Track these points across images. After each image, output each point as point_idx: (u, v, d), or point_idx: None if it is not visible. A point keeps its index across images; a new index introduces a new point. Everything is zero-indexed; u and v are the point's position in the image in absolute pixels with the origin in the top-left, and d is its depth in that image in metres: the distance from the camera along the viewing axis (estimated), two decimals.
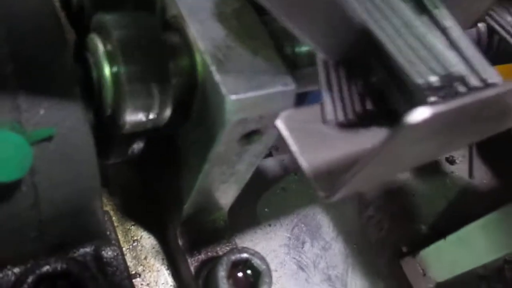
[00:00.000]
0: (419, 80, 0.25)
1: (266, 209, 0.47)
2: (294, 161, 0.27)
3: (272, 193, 0.48)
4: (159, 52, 0.29)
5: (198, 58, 0.29)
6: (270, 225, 0.47)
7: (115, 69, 0.28)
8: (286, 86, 0.29)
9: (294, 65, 0.33)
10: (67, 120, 0.27)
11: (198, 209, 0.39)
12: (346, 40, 0.27)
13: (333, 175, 0.26)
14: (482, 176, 0.67)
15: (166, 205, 0.40)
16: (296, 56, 0.34)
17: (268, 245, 0.46)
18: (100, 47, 0.28)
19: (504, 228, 0.41)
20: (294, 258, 0.46)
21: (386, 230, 0.54)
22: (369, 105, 0.28)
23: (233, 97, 0.27)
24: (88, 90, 0.29)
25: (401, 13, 0.29)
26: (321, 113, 0.29)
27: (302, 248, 0.47)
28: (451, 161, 0.67)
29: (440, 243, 0.47)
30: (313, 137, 0.28)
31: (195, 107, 0.31)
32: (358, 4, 0.27)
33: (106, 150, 0.33)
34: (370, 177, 0.25)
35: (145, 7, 0.32)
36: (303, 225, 0.49)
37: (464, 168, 0.67)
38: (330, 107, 0.29)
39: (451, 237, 0.46)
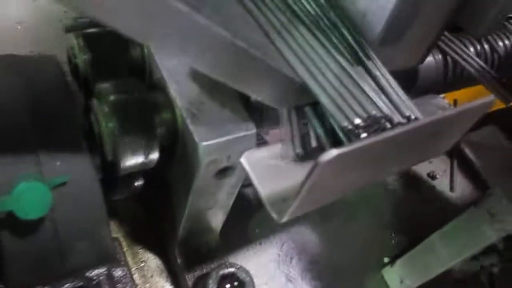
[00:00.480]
0: (344, 123, 0.32)
1: (256, 230, 0.54)
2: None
3: (261, 214, 0.55)
4: (146, 109, 0.36)
5: (177, 112, 0.36)
6: (260, 244, 0.54)
7: (110, 125, 0.35)
8: (248, 131, 0.36)
9: (260, 110, 0.40)
10: (78, 168, 0.35)
11: (192, 232, 0.46)
12: (291, 94, 0.34)
13: (286, 201, 0.33)
14: (463, 190, 0.72)
15: (165, 230, 0.48)
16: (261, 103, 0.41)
17: (259, 261, 0.52)
18: (99, 109, 0.36)
19: (462, 234, 0.47)
20: (283, 272, 0.53)
21: (370, 242, 0.60)
22: (314, 143, 0.35)
23: (204, 143, 0.34)
24: (93, 142, 0.36)
25: (337, 66, 0.36)
26: (282, 149, 0.37)
27: (291, 263, 0.54)
28: (432, 176, 0.72)
29: (412, 252, 0.53)
30: (271, 170, 0.36)
31: (178, 150, 0.38)
32: (299, 64, 0.34)
33: (112, 188, 0.40)
34: (312, 202, 0.32)
35: (137, 73, 0.40)
36: (291, 242, 0.55)
37: (445, 182, 0.72)
38: (293, 143, 0.36)
39: (420, 246, 0.52)
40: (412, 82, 0.54)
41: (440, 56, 0.57)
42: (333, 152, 0.26)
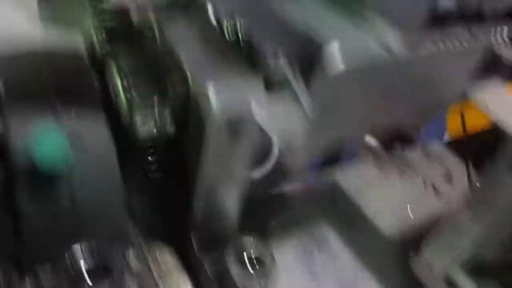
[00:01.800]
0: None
1: (273, 222, 0.53)
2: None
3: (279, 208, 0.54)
4: (158, 71, 0.38)
5: (187, 73, 0.38)
6: (279, 236, 0.53)
7: (129, 96, 0.37)
8: (255, 80, 0.37)
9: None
10: (93, 132, 0.36)
11: (208, 216, 0.46)
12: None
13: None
14: None
15: (180, 217, 0.47)
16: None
17: (277, 253, 0.51)
18: (119, 83, 0.38)
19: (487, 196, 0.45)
20: (303, 264, 0.51)
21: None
22: None
23: (212, 82, 0.35)
24: (108, 109, 0.38)
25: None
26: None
27: (311, 254, 0.52)
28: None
29: (439, 236, 0.51)
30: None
31: (190, 117, 0.39)
32: None
33: (126, 163, 0.41)
34: (323, 128, 0.32)
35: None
36: (311, 235, 0.54)
37: None
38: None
39: (446, 226, 0.50)
40: None
41: None
42: None
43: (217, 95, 0.36)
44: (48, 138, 0.32)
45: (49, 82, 0.36)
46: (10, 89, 0.35)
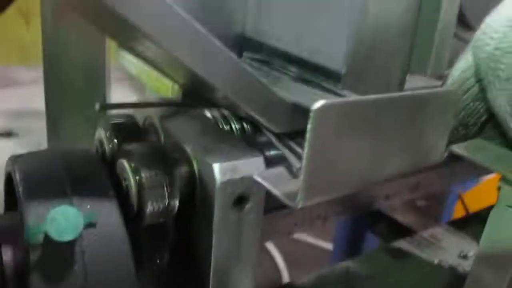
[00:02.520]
0: None
1: None
2: None
3: None
4: (166, 162, 0.41)
5: (192, 160, 0.41)
6: None
7: (137, 177, 0.40)
8: (255, 156, 0.40)
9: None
10: (105, 213, 0.38)
11: None
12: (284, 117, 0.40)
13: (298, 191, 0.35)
14: None
15: None
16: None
17: None
18: (127, 165, 0.40)
19: None
20: None
21: None
22: None
23: (217, 164, 0.38)
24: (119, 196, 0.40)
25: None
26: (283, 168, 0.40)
27: None
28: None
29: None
30: (281, 179, 0.38)
31: (196, 192, 0.41)
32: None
33: (136, 246, 0.42)
34: (321, 180, 0.34)
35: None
36: None
37: None
38: (290, 161, 0.40)
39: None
40: None
41: None
42: (322, 101, 0.31)
43: (222, 174, 0.38)
44: (61, 210, 0.33)
45: (64, 174, 0.39)
46: (29, 185, 0.38)
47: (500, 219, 0.43)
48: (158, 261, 0.45)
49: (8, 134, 0.92)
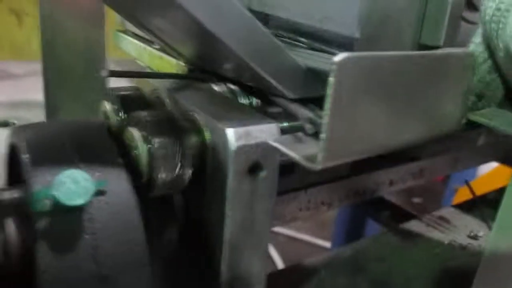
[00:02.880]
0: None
1: None
2: None
3: None
4: (176, 130, 0.40)
5: (205, 130, 0.40)
6: None
7: (149, 145, 0.38)
8: (270, 123, 0.39)
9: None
10: (114, 181, 0.36)
11: (235, 277, 0.42)
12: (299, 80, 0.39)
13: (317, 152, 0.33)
14: None
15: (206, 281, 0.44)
16: None
17: None
18: (137, 134, 0.39)
19: None
20: None
21: None
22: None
23: (231, 129, 0.36)
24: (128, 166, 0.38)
25: None
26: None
27: None
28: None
29: None
30: (295, 142, 0.37)
31: (207, 162, 0.40)
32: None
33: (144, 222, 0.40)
34: (343, 139, 0.33)
35: None
36: None
37: None
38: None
39: None
40: None
41: None
42: (343, 54, 0.30)
43: (236, 140, 0.37)
44: (70, 173, 0.31)
45: (69, 142, 0.37)
46: (34, 153, 0.36)
47: None
48: (167, 240, 0.43)
49: (5, 124, 0.90)
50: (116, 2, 0.44)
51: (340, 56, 0.29)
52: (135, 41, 0.69)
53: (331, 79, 0.29)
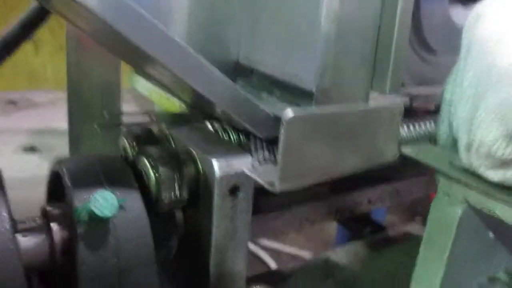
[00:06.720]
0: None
1: None
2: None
3: None
4: (178, 162, 0.53)
5: (197, 161, 0.53)
6: None
7: (156, 174, 0.51)
8: (246, 157, 0.52)
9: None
10: (131, 200, 0.49)
11: (220, 277, 0.55)
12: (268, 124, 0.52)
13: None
14: None
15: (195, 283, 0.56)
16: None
17: None
18: (148, 163, 0.52)
19: None
20: None
21: None
22: None
23: (216, 162, 0.50)
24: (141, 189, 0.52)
25: None
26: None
27: None
28: None
29: None
30: (266, 172, 0.50)
31: (200, 189, 0.53)
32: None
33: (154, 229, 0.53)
34: (296, 169, 0.46)
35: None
36: None
37: None
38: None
39: None
40: None
41: None
42: (290, 112, 0.43)
43: (220, 169, 0.50)
44: (101, 193, 0.45)
45: (99, 171, 0.51)
46: (74, 178, 0.49)
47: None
48: (170, 245, 0.56)
49: (32, 149, 1.05)
50: (118, 53, 0.58)
51: (288, 115, 0.43)
52: (147, 84, 0.83)
53: (281, 132, 0.43)
